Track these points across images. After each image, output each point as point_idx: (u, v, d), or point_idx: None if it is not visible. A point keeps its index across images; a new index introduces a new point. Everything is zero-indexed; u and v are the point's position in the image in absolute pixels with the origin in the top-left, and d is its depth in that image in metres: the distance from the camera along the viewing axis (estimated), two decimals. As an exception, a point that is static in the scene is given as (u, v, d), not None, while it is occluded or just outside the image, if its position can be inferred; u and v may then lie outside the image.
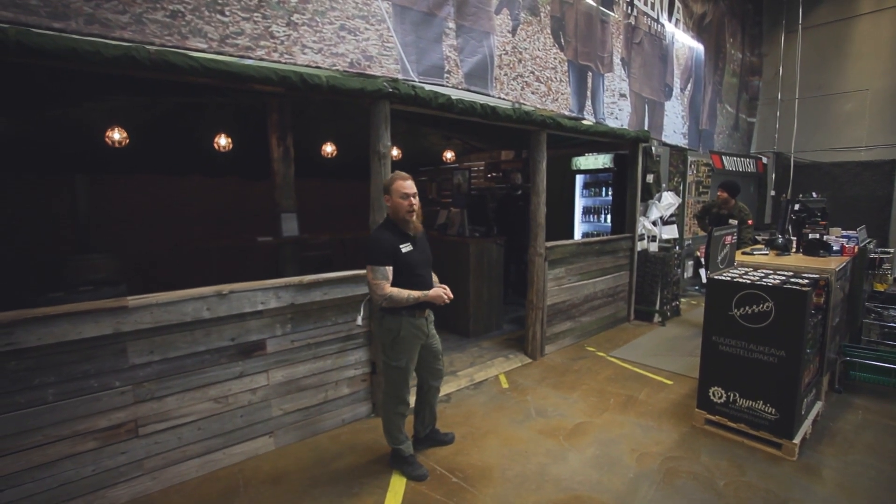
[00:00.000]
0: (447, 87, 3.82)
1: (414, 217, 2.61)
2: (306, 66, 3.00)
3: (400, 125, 4.99)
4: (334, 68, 3.14)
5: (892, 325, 4.29)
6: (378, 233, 2.62)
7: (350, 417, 3.33)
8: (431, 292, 2.62)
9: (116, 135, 4.84)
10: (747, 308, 2.97)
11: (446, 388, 3.87)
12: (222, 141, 5.37)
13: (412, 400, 2.91)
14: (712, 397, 3.19)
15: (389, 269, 2.52)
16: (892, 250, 4.54)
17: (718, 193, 5.27)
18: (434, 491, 2.59)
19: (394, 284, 2.52)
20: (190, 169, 6.68)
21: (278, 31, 2.88)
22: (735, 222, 4.98)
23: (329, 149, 6.20)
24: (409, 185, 2.59)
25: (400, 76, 3.48)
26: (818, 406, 3.37)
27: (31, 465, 2.21)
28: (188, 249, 6.31)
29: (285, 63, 2.90)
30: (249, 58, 2.77)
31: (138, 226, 6.41)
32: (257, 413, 2.90)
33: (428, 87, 3.47)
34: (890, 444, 3.08)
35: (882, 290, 4.50)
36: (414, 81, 3.55)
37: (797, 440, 2.89)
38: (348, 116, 5.38)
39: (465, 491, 2.59)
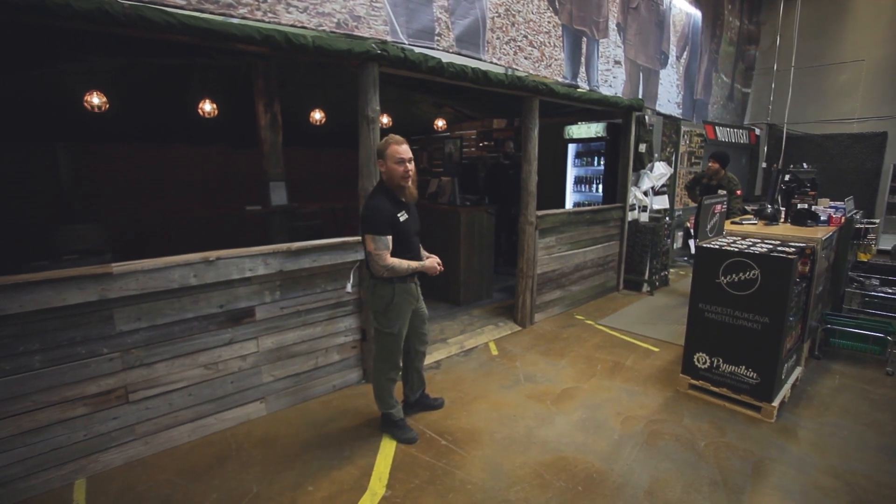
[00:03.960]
0: (438, 50, 3.70)
1: (409, 183, 2.56)
2: (291, 25, 2.88)
3: (390, 91, 4.86)
4: (320, 28, 3.02)
5: (873, 293, 4.38)
6: (376, 201, 2.52)
7: (341, 384, 3.38)
8: (427, 262, 2.67)
9: (96, 99, 4.66)
10: (734, 276, 3.01)
11: (437, 355, 3.92)
12: (207, 107, 5.21)
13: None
14: (696, 363, 3.27)
15: (390, 238, 2.49)
16: (877, 221, 4.59)
17: (709, 164, 5.26)
18: (423, 453, 2.66)
19: (391, 253, 2.51)
20: (175, 138, 6.51)
21: (260, -12, 2.75)
22: (724, 192, 5.00)
23: (318, 116, 6.05)
24: (404, 150, 2.51)
25: (389, 38, 3.36)
26: (798, 371, 3.47)
27: (21, 430, 2.23)
28: (176, 219, 6.21)
29: (269, 22, 2.79)
30: (231, 16, 2.64)
31: (124, 196, 6.29)
32: (248, 379, 2.92)
33: (418, 50, 3.36)
34: (863, 406, 3.20)
35: (865, 259, 4.57)
36: (403, 44, 3.43)
37: (776, 403, 2.99)
38: (337, 83, 5.24)
39: (453, 453, 2.66)
